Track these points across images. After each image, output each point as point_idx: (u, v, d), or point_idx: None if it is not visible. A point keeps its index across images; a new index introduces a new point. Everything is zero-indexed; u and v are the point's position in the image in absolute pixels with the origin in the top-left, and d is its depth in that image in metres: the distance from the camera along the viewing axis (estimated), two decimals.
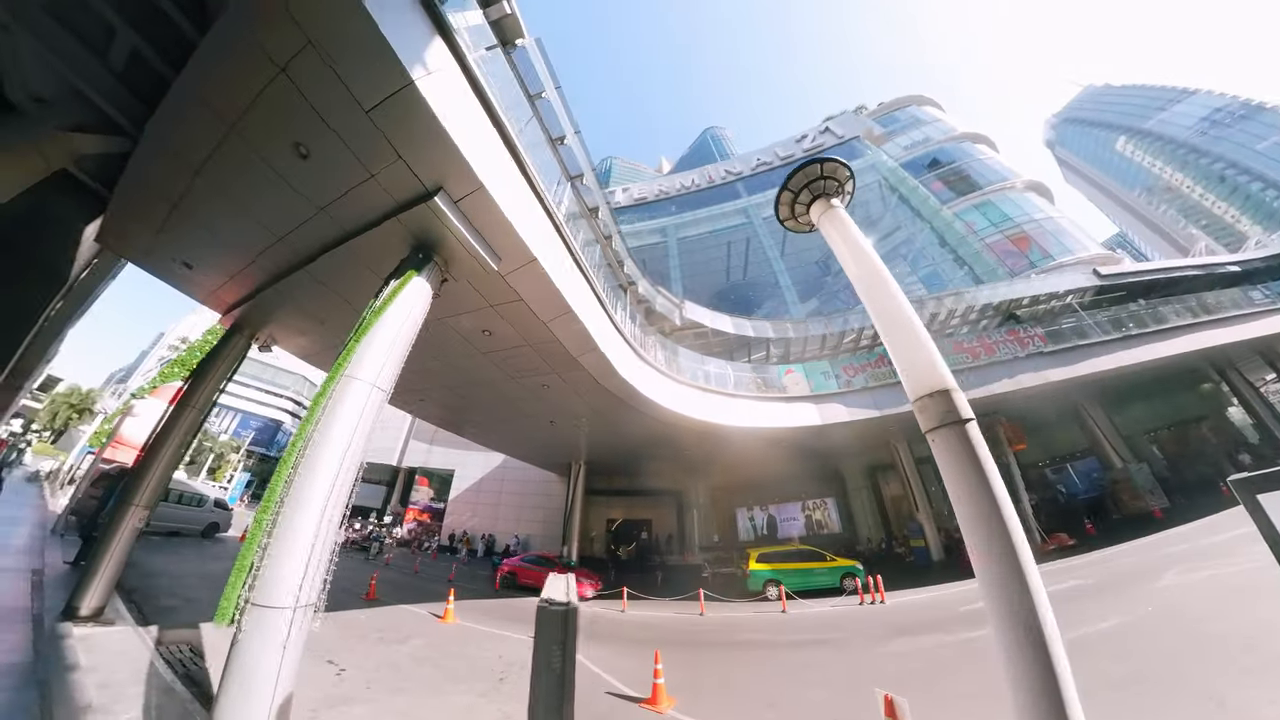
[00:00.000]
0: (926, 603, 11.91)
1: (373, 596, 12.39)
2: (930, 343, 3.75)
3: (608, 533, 27.02)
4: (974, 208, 35.30)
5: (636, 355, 13.24)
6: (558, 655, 2.80)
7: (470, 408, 16.06)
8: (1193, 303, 20.12)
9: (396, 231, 6.92)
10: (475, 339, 10.36)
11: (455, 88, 5.92)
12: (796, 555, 15.14)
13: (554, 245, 8.48)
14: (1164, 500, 18.80)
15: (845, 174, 4.78)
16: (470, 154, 5.98)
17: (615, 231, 15.27)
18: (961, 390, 3.60)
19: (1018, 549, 2.84)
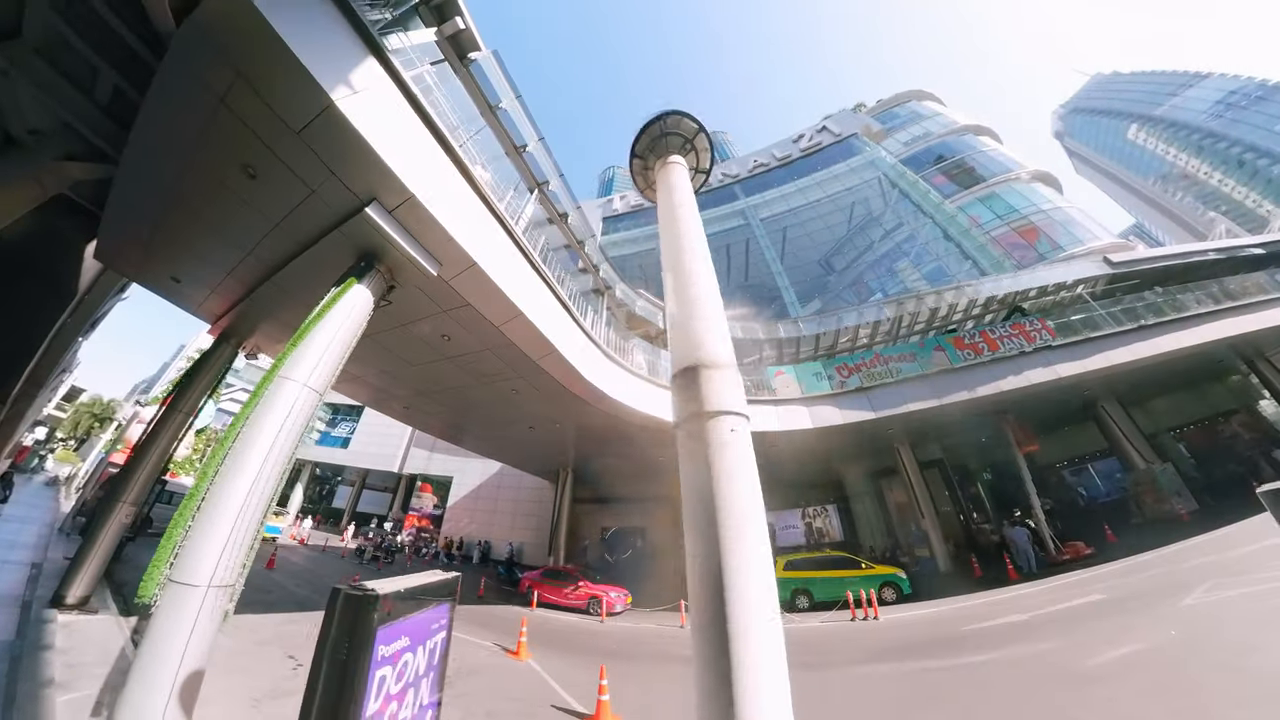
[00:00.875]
0: (925, 620, 10.87)
1: None
2: (715, 317, 3.17)
3: (601, 540, 26.20)
4: (978, 200, 33.97)
5: (608, 359, 12.66)
6: (344, 646, 2.36)
7: (451, 414, 15.97)
8: (1214, 289, 18.69)
9: (341, 242, 7.32)
10: (437, 344, 10.44)
11: (384, 104, 6.31)
12: (828, 563, 14.10)
13: (501, 249, 8.52)
14: (1191, 503, 17.34)
15: (692, 127, 4.07)
16: (398, 166, 6.28)
17: (590, 236, 14.69)
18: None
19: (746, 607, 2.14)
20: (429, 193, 6.82)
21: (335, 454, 38.42)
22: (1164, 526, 15.51)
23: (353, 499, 38.33)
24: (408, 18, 9.06)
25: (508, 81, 10.90)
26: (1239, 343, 17.92)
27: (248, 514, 5.24)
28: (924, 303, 18.43)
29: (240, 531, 5.15)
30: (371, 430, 35.42)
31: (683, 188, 3.90)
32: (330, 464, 39.71)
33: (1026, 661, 6.99)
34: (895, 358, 16.33)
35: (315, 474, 43.16)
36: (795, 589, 13.55)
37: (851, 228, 37.19)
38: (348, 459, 37.69)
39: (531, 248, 9.62)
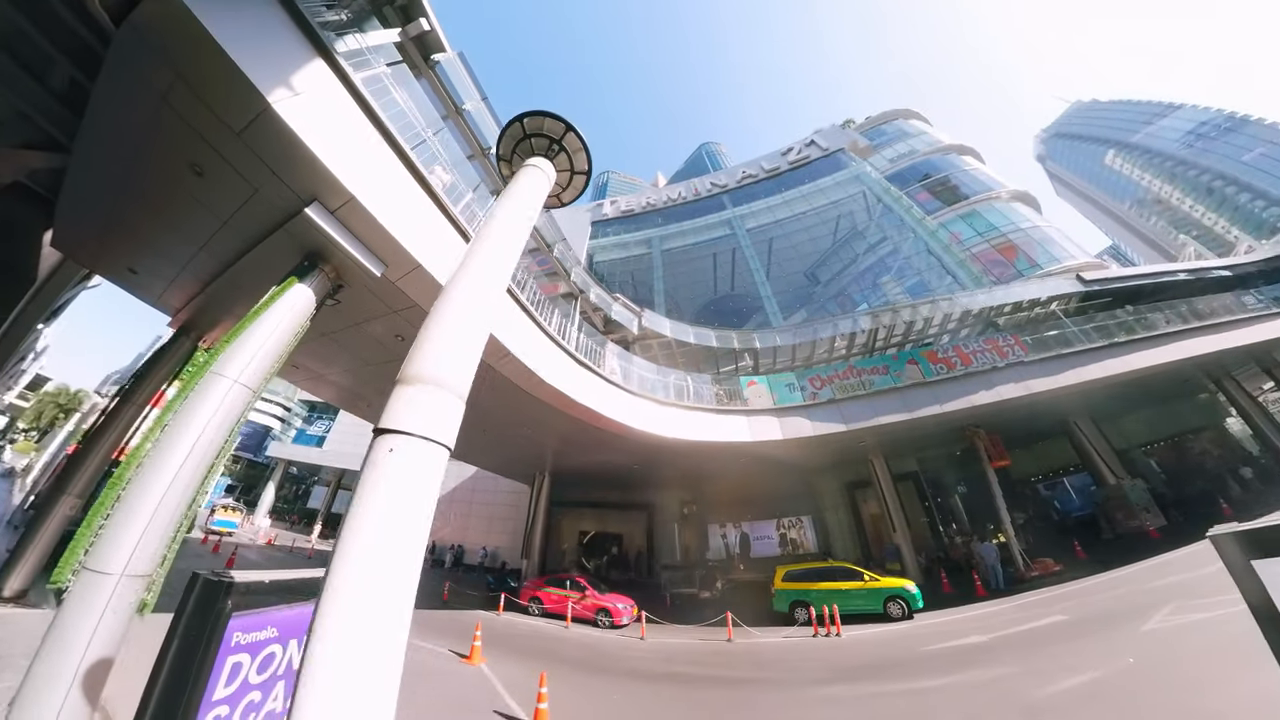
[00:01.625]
0: (886, 638, 10.50)
1: None
2: (450, 336, 2.74)
3: (579, 545, 25.68)
4: (960, 218, 34.20)
5: (577, 364, 12.29)
6: (195, 627, 2.39)
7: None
8: (1183, 309, 18.81)
9: (286, 241, 7.20)
10: (391, 344, 10.06)
11: (328, 106, 6.26)
12: (829, 574, 13.20)
13: (453, 252, 8.34)
14: (1160, 519, 17.27)
15: (558, 127, 3.74)
16: (338, 168, 6.20)
17: (561, 239, 14.39)
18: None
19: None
20: (372, 194, 6.72)
21: (310, 453, 37.44)
22: (1133, 542, 15.37)
23: (328, 499, 37.10)
24: (366, 18, 9.03)
25: (473, 83, 10.72)
26: (1206, 362, 18.03)
27: (169, 506, 5.14)
28: (899, 315, 18.27)
29: (160, 522, 5.05)
30: (348, 429, 34.53)
31: (521, 195, 3.58)
32: (306, 463, 38.56)
33: (980, 689, 6.63)
34: (868, 370, 16.10)
35: (291, 473, 41.84)
36: (794, 601, 12.82)
37: (837, 241, 37.21)
38: (323, 458, 36.62)
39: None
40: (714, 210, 40.62)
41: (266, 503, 36.56)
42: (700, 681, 8.62)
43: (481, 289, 3.01)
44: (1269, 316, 19.30)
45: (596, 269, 40.38)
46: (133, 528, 4.90)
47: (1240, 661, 5.83)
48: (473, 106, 10.89)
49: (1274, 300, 20.46)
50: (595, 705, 7.40)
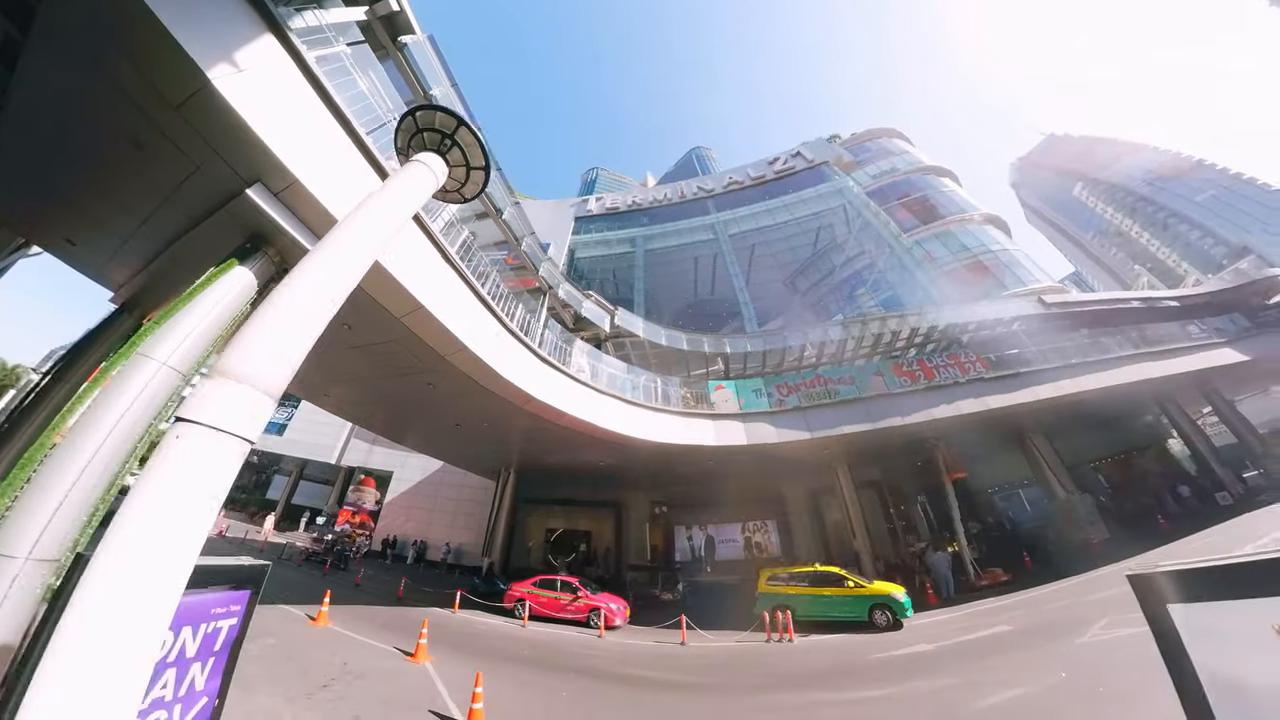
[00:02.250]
0: (837, 646, 10.50)
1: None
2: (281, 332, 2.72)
3: (546, 543, 25.12)
4: (935, 237, 35.02)
5: (540, 360, 12.07)
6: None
7: (372, 406, 15.20)
8: (1134, 335, 19.61)
9: (228, 221, 6.77)
10: (340, 332, 9.47)
11: (275, 84, 5.93)
12: (812, 579, 12.65)
13: (406, 241, 8.07)
14: (1104, 532, 17.87)
15: (450, 121, 3.57)
16: (282, 150, 5.91)
17: (529, 233, 14.03)
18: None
19: None
20: (320, 179, 6.43)
21: (269, 440, 35.04)
22: (1077, 555, 15.84)
23: (288, 490, 35.46)
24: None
25: (443, 67, 10.37)
26: (1153, 385, 18.75)
27: (84, 489, 4.83)
28: (868, 328, 18.50)
29: (73, 506, 4.74)
30: (310, 418, 32.79)
31: (400, 188, 3.41)
32: (264, 451, 36.63)
33: (918, 700, 6.62)
34: (835, 380, 16.21)
35: (250, 461, 39.51)
36: (776, 605, 12.13)
37: (817, 251, 37.72)
38: (282, 446, 34.69)
39: (449, 242, 9.25)
40: (699, 214, 40.73)
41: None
42: (649, 684, 8.50)
43: (319, 288, 2.88)
44: (1209, 346, 20.31)
45: (577, 265, 39.95)
46: (42, 510, 4.60)
47: (1163, 680, 5.97)
48: (441, 92, 10.46)
49: (1215, 331, 21.56)
50: (538, 705, 7.23)
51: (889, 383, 15.62)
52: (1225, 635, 1.82)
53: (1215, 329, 21.69)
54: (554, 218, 44.42)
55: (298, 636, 9.15)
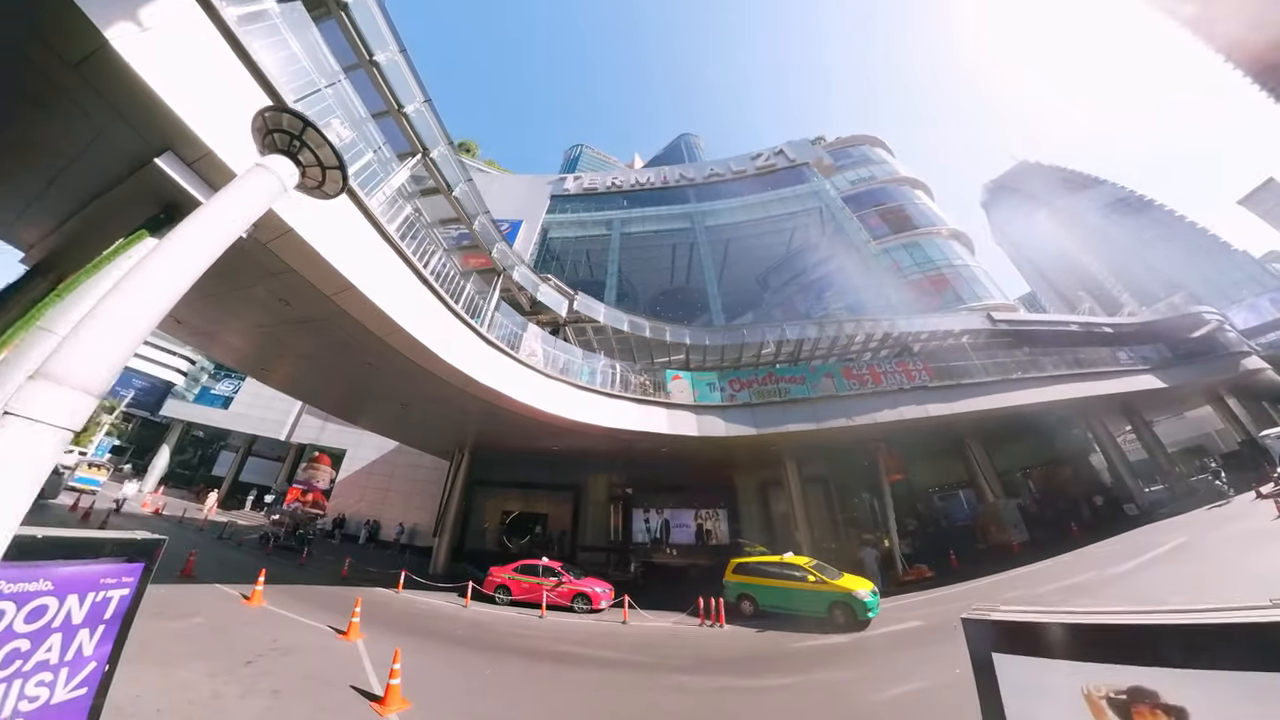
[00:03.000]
0: (762, 634, 10.75)
1: (188, 573, 11.16)
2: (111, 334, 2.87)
3: (501, 525, 24.86)
4: (903, 246, 35.87)
5: (488, 344, 11.70)
6: None
7: (315, 382, 14.59)
8: (1070, 356, 20.67)
9: (139, 188, 6.20)
10: (276, 308, 9.09)
11: (185, 45, 5.41)
12: (776, 570, 12.20)
13: (335, 216, 7.55)
14: (1025, 535, 19.00)
15: (298, 124, 3.45)
16: (193, 118, 5.42)
17: (484, 212, 13.43)
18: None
19: None
20: (237, 150, 5.84)
21: (213, 414, 33.07)
22: (999, 555, 16.79)
23: (235, 466, 33.52)
24: None
25: (389, 28, 9.52)
26: (1082, 403, 19.84)
27: None
28: (825, 330, 18.81)
29: None
30: (259, 391, 30.56)
31: (232, 196, 3.38)
32: (209, 426, 34.21)
33: (818, 690, 6.86)
34: (787, 379, 16.44)
35: (196, 436, 37.18)
36: (740, 593, 12.27)
37: (790, 251, 38.04)
38: (228, 421, 32.62)
39: (390, 218, 8.89)
40: (678, 202, 40.25)
41: (159, 467, 32.02)
42: (576, 661, 8.60)
43: (145, 298, 2.97)
44: (1135, 372, 21.67)
45: (550, 245, 38.97)
46: None
47: None
48: (386, 58, 9.61)
49: (1141, 359, 23.03)
50: (459, 681, 7.23)
51: (838, 385, 15.95)
52: (1039, 692, 1.78)
53: (1142, 356, 23.18)
54: (529, 194, 42.88)
55: (229, 615, 8.97)
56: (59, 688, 2.69)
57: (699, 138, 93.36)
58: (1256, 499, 15.62)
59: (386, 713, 5.66)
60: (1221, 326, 27.22)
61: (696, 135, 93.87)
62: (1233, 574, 9.25)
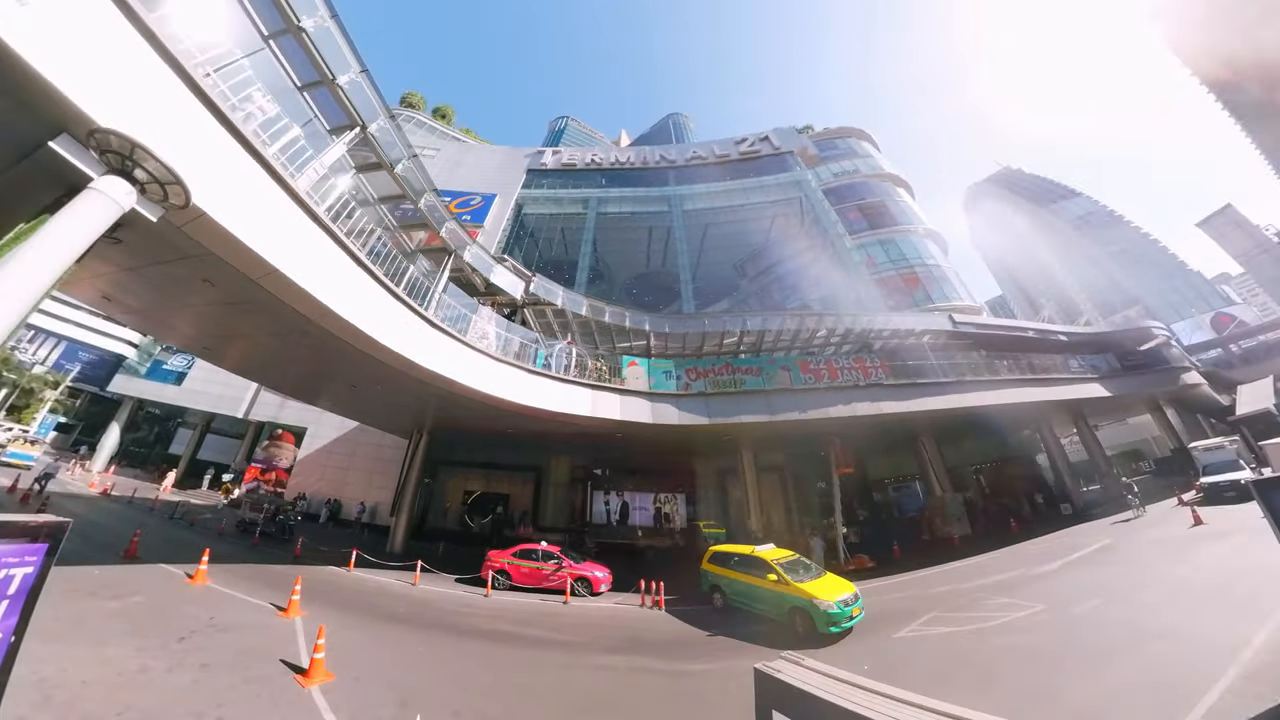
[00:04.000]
0: (694, 616, 10.74)
1: (132, 554, 10.85)
2: None
3: (463, 504, 24.63)
4: (879, 242, 35.88)
5: (431, 326, 11.22)
6: None
7: (264, 365, 14.09)
8: (1024, 361, 21.08)
9: (38, 170, 5.67)
10: (201, 289, 8.63)
11: (70, 16, 4.92)
12: (744, 564, 10.85)
13: (255, 195, 7.22)
14: (967, 529, 19.56)
15: (127, 145, 3.03)
16: (85, 99, 4.95)
17: (431, 189, 12.67)
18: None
19: None
20: (139, 128, 5.27)
21: (166, 390, 31.08)
22: (940, 547, 17.22)
23: (192, 444, 31.96)
24: None
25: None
26: (1033, 407, 20.26)
27: None
28: (786, 323, 18.61)
29: None
30: (213, 367, 29.00)
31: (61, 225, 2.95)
32: (163, 403, 32.29)
33: (732, 678, 6.74)
34: (743, 369, 16.25)
35: (151, 413, 35.10)
36: (713, 584, 11.42)
37: (769, 240, 37.63)
38: (181, 398, 30.81)
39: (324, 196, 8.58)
40: (657, 184, 39.09)
41: (109, 446, 30.24)
42: (510, 640, 8.61)
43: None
44: (1083, 380, 22.26)
45: (524, 220, 37.48)
46: None
47: (940, 678, 6.37)
48: (315, 24, 8.78)
49: (1091, 367, 23.70)
50: (389, 656, 7.29)
51: (794, 379, 15.84)
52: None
53: (1091, 365, 23.86)
54: (504, 167, 40.99)
55: (170, 594, 8.78)
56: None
57: (688, 117, 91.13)
58: (1178, 505, 16.37)
59: (309, 684, 5.77)
60: (1168, 342, 28.25)
61: (686, 115, 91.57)
62: (1149, 578, 9.54)
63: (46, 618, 6.32)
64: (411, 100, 55.56)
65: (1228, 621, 6.64)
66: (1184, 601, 7.88)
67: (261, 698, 5.33)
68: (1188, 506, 14.69)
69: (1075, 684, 5.77)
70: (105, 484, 23.62)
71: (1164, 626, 6.95)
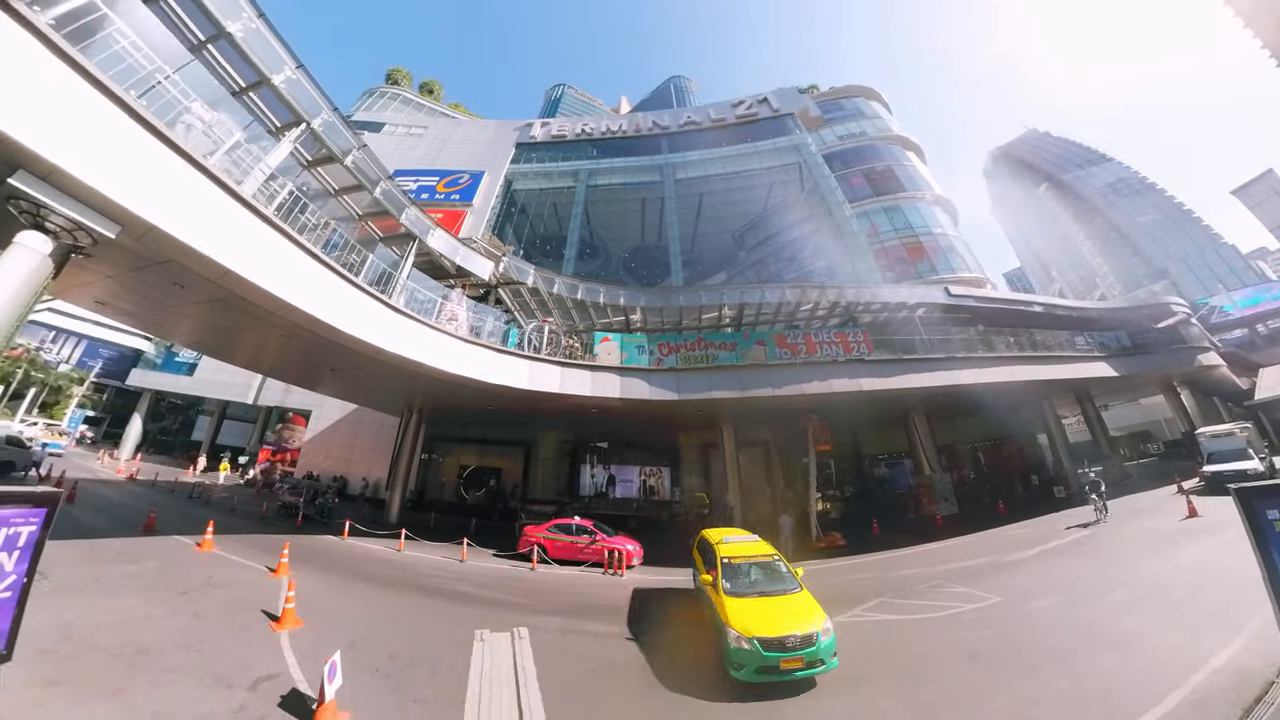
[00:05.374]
0: (659, 584, 10.79)
1: (150, 528, 11.74)
2: None
3: (458, 478, 25.05)
4: (883, 209, 33.82)
5: (396, 312, 11.45)
6: None
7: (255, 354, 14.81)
8: (1025, 338, 19.64)
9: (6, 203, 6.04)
10: (174, 291, 9.06)
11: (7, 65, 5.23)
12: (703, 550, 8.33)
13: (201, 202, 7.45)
14: (955, 508, 18.89)
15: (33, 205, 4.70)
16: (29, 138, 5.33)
17: (386, 177, 12.46)
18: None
19: None
20: (82, 157, 5.83)
21: (180, 381, 32.34)
22: (922, 526, 16.58)
23: (211, 430, 33.54)
24: None
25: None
26: (1032, 385, 18.97)
27: None
28: (767, 296, 17.52)
29: None
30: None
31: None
32: (180, 393, 33.79)
33: (656, 649, 6.84)
34: (716, 344, 15.42)
35: (173, 403, 36.77)
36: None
37: (767, 209, 35.65)
38: (194, 387, 31.98)
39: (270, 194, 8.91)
40: (650, 152, 36.99)
41: (133, 435, 31.68)
42: (467, 600, 9.19)
43: None
44: (1088, 359, 20.66)
45: (514, 196, 36.02)
46: None
47: (859, 670, 5.89)
48: (241, 27, 8.75)
49: (1099, 345, 21.88)
50: (357, 610, 8.05)
51: (769, 354, 14.96)
52: None
53: (1100, 343, 22.07)
54: (493, 142, 39.24)
55: (180, 559, 9.70)
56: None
57: (692, 81, 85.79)
58: (1177, 493, 15.31)
59: (279, 629, 6.65)
60: (1187, 320, 26.30)
61: (689, 79, 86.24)
62: (1121, 575, 8.80)
63: (71, 577, 7.54)
64: (396, 77, 53.55)
65: (1190, 633, 5.94)
66: (1151, 605, 7.19)
67: (238, 638, 6.25)
68: (1185, 496, 13.66)
69: (1002, 690, 5.21)
70: (130, 470, 24.96)
71: (1120, 633, 6.33)
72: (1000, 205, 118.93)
